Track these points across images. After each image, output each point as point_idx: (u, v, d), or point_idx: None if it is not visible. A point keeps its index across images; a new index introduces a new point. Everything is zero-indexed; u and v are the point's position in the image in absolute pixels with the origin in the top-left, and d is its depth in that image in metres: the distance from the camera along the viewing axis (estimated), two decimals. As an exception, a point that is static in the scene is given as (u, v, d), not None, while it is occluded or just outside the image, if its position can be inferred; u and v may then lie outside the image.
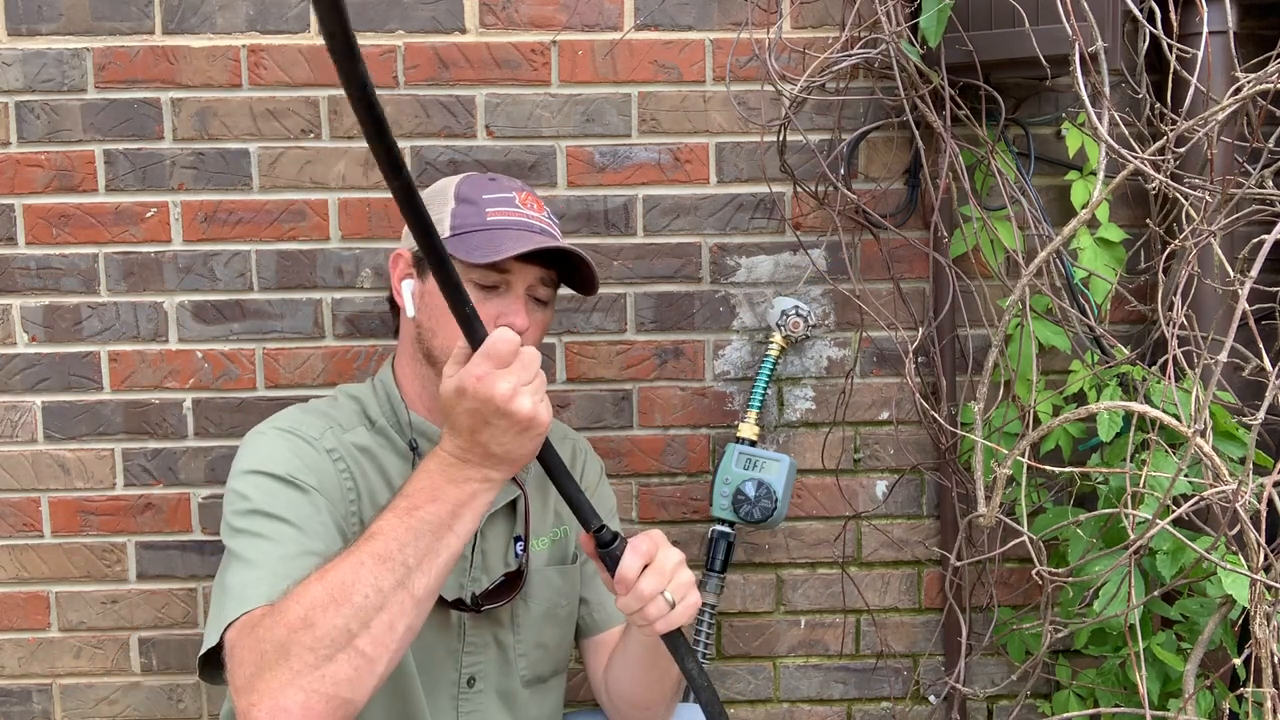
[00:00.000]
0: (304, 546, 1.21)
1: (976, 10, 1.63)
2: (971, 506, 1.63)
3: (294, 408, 1.40)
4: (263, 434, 1.34)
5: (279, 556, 1.20)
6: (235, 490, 1.28)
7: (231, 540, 1.25)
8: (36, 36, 1.79)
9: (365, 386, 1.45)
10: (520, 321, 1.34)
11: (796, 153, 1.81)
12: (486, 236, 1.33)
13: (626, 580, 1.18)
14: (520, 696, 1.45)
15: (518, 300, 1.35)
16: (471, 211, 1.36)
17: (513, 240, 1.32)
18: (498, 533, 1.45)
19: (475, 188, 1.40)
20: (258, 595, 1.15)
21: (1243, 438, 1.58)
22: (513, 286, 1.35)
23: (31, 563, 1.86)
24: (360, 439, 1.37)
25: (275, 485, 1.26)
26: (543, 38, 1.82)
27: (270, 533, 1.22)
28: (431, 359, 1.36)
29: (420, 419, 1.40)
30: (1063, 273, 1.73)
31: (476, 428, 1.13)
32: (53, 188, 1.81)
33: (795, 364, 1.88)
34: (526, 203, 1.40)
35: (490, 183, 1.41)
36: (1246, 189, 1.51)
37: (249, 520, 1.24)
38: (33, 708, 1.89)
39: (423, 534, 1.12)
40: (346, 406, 1.42)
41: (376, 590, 1.08)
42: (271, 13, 1.80)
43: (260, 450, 1.31)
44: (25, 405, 1.84)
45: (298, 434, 1.33)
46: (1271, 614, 1.32)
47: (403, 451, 1.39)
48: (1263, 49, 1.59)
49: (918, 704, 1.94)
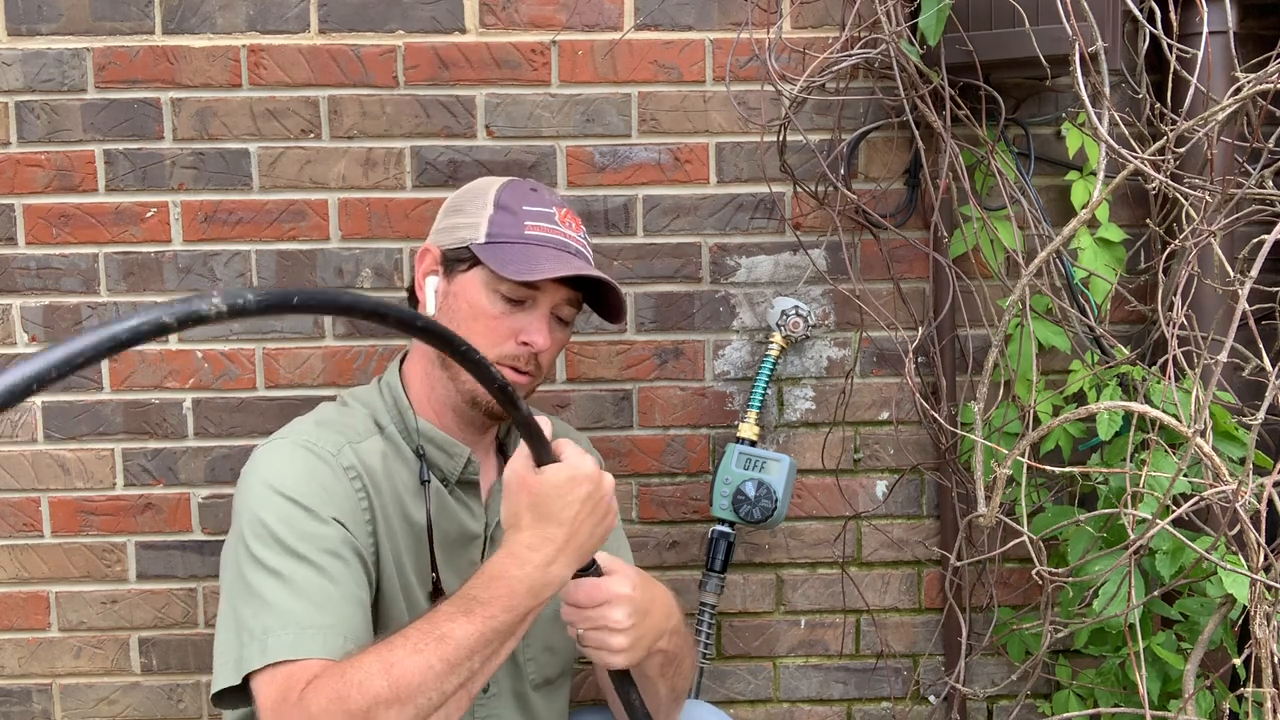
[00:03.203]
0: (329, 594, 1.20)
1: (976, 10, 1.63)
2: (971, 506, 1.63)
3: (309, 419, 1.37)
4: (280, 447, 1.30)
5: (306, 606, 1.18)
6: (255, 512, 1.24)
7: (251, 572, 1.21)
8: (36, 36, 1.79)
9: (373, 390, 1.43)
10: (542, 341, 1.33)
11: (796, 153, 1.81)
12: (523, 251, 1.32)
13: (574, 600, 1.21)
14: (532, 699, 1.45)
15: (541, 319, 1.34)
16: (510, 221, 1.34)
17: (550, 261, 1.31)
18: None
19: (516, 196, 1.37)
20: (281, 647, 1.15)
21: (1243, 438, 1.58)
22: (539, 304, 1.34)
23: (31, 563, 1.86)
24: (374, 449, 1.35)
25: (297, 514, 1.23)
26: (543, 38, 1.82)
27: (294, 575, 1.20)
28: (446, 363, 1.35)
29: (427, 425, 1.38)
30: (1063, 273, 1.73)
31: (582, 517, 1.13)
32: (53, 188, 1.81)
33: (795, 364, 1.88)
34: (565, 221, 1.38)
35: (532, 194, 1.39)
36: (1246, 189, 1.51)
37: (271, 553, 1.21)
38: (33, 708, 1.89)
39: (492, 641, 1.13)
40: (359, 413, 1.39)
41: (440, 694, 1.10)
42: (271, 13, 1.80)
43: (278, 464, 1.27)
44: (25, 405, 1.84)
45: (315, 451, 1.29)
46: (1271, 614, 1.32)
47: (409, 459, 1.37)
48: (1263, 49, 1.59)
49: (918, 704, 1.94)
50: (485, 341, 1.31)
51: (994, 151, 1.71)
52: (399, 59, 1.82)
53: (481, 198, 1.38)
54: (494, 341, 1.32)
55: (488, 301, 1.33)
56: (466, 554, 1.40)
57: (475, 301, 1.33)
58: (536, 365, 1.36)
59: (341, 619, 1.20)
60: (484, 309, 1.33)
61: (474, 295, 1.34)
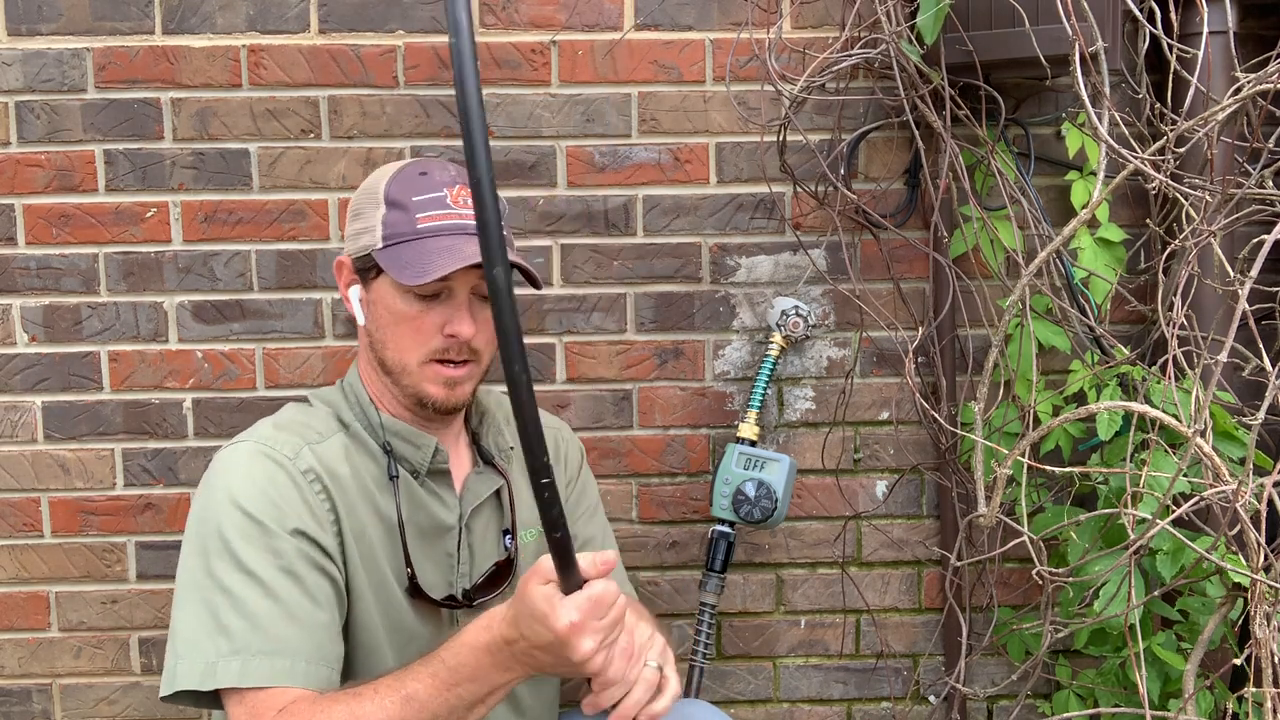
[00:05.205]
0: (293, 615, 1.21)
1: (976, 10, 1.63)
2: (971, 506, 1.63)
3: (268, 422, 1.36)
4: (240, 455, 1.29)
5: (262, 631, 1.19)
6: (214, 524, 1.24)
7: (205, 581, 1.22)
8: (36, 36, 1.79)
9: (335, 390, 1.42)
10: (467, 329, 1.31)
11: (796, 153, 1.81)
12: (418, 250, 1.29)
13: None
14: (519, 688, 1.44)
15: (461, 307, 1.32)
16: (402, 219, 1.30)
17: (444, 255, 1.27)
18: (486, 525, 1.44)
19: (405, 187, 1.33)
20: (230, 673, 1.17)
21: (1243, 438, 1.58)
22: (455, 293, 1.32)
23: (31, 563, 1.86)
24: (336, 447, 1.34)
25: (254, 530, 1.23)
26: (543, 38, 1.82)
27: (247, 597, 1.20)
28: (386, 369, 1.35)
29: (390, 419, 1.37)
30: (1063, 273, 1.73)
31: (542, 649, 1.13)
32: (53, 188, 1.81)
33: (795, 364, 1.88)
34: (459, 199, 1.33)
35: (421, 179, 1.34)
36: (1246, 189, 1.51)
37: (226, 571, 1.21)
38: (33, 708, 1.89)
39: (457, 709, 1.16)
40: (321, 412, 1.38)
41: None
42: (271, 13, 1.80)
43: (238, 475, 1.26)
44: (25, 405, 1.84)
45: (273, 457, 1.28)
46: (1271, 614, 1.32)
47: (376, 454, 1.36)
48: (1263, 49, 1.59)
49: (918, 704, 1.94)
50: (413, 342, 1.31)
51: (994, 151, 1.71)
52: (399, 59, 1.82)
53: (373, 197, 1.34)
54: (421, 341, 1.31)
55: (404, 304, 1.31)
56: (442, 545, 1.39)
57: (392, 307, 1.32)
58: (472, 350, 1.34)
59: (290, 640, 1.20)
60: (402, 312, 1.31)
61: (390, 301, 1.32)
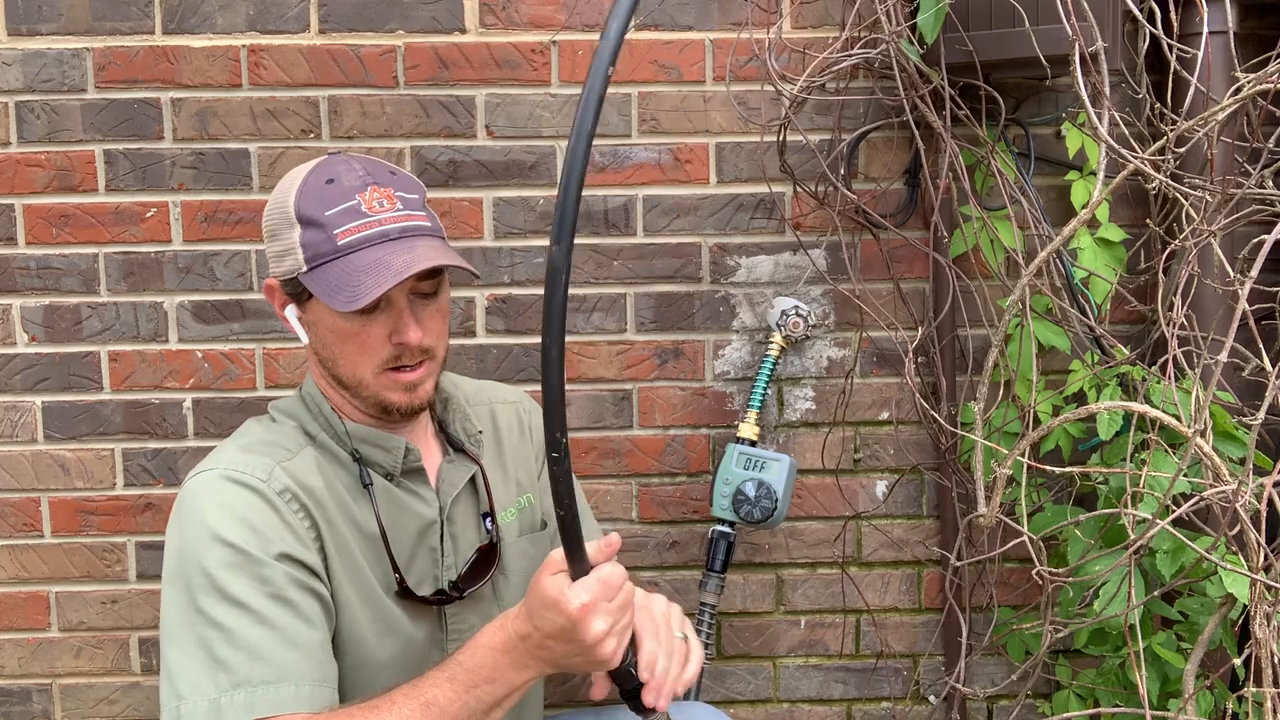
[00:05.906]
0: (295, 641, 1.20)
1: (976, 10, 1.63)
2: (971, 506, 1.63)
3: (232, 445, 1.32)
4: (210, 484, 1.25)
5: (263, 660, 1.18)
6: (194, 560, 1.20)
7: (195, 618, 1.19)
8: (36, 36, 1.79)
9: (295, 401, 1.38)
10: (414, 335, 1.28)
11: (796, 153, 1.81)
12: (344, 270, 1.23)
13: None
14: None
15: (403, 314, 1.28)
16: (320, 238, 1.25)
17: (373, 272, 1.23)
18: (464, 514, 1.42)
19: (315, 201, 1.26)
20: (236, 707, 1.15)
21: (1243, 438, 1.58)
22: (394, 302, 1.27)
23: (31, 563, 1.86)
24: (307, 461, 1.31)
25: (239, 560, 1.20)
26: (542, 38, 1.82)
27: (240, 628, 1.18)
28: (342, 384, 1.32)
29: (355, 425, 1.34)
30: (1063, 273, 1.73)
31: (555, 638, 1.13)
32: (53, 188, 1.81)
33: (795, 364, 1.89)
34: (373, 204, 1.27)
35: (329, 188, 1.27)
36: (1246, 189, 1.51)
37: (214, 605, 1.19)
38: (33, 708, 1.89)
39: (476, 712, 1.16)
40: (286, 427, 1.36)
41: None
42: (271, 13, 1.80)
43: (212, 505, 1.23)
44: (25, 405, 1.84)
45: (245, 482, 1.24)
46: (1271, 614, 1.32)
47: (346, 463, 1.34)
48: (1263, 49, 1.59)
49: (918, 704, 1.94)
50: (362, 358, 1.28)
51: (994, 151, 1.71)
52: (399, 59, 1.82)
53: (285, 215, 1.28)
54: (370, 354, 1.28)
55: (345, 322, 1.27)
56: (426, 543, 1.38)
57: (334, 326, 1.28)
58: (424, 350, 1.31)
59: (292, 665, 1.19)
60: (345, 330, 1.28)
61: (329, 320, 1.28)
